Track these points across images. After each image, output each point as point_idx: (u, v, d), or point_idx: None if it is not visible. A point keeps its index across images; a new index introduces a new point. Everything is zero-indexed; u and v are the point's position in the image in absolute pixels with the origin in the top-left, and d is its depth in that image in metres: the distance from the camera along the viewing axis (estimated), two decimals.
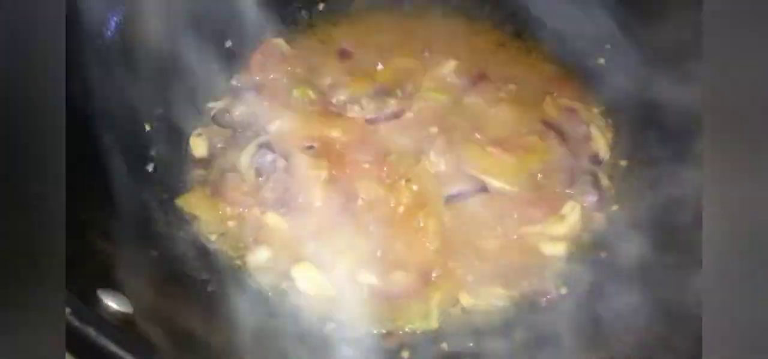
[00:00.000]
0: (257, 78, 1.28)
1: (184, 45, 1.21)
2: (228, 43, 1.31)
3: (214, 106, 1.25)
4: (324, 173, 1.11)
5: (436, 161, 1.13)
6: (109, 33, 1.13)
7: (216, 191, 1.10)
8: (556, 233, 1.07)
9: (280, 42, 1.34)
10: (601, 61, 1.28)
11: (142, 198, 1.04)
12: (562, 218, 1.07)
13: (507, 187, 1.12)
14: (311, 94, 1.24)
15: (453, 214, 1.09)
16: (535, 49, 1.33)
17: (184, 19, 1.21)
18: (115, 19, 1.14)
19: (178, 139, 1.17)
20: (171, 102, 1.18)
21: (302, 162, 1.12)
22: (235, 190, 1.10)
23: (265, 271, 1.03)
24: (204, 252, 1.03)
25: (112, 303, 0.76)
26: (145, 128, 1.14)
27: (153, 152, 1.13)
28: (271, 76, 1.28)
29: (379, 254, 1.04)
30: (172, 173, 1.12)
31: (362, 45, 1.35)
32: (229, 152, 1.17)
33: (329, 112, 1.22)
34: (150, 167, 1.11)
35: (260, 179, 1.11)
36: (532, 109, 1.22)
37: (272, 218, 1.07)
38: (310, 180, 1.09)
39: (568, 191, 1.11)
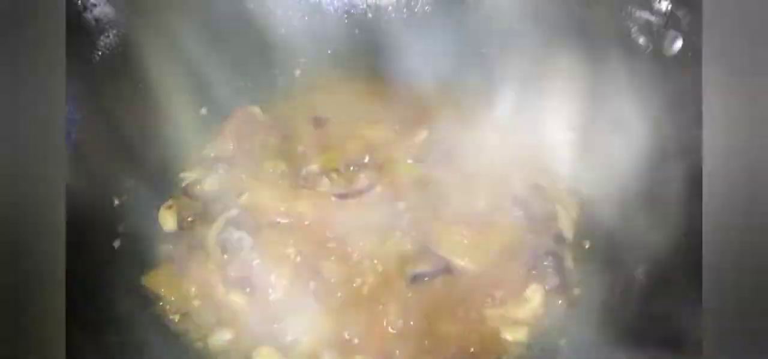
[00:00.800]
0: (230, 147, 1.29)
1: (159, 112, 1.24)
2: (203, 110, 1.32)
3: (186, 177, 1.25)
4: (290, 251, 1.12)
5: (402, 240, 1.14)
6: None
7: (183, 269, 1.11)
8: (518, 317, 1.07)
9: (255, 110, 1.36)
10: (570, 134, 1.28)
11: (106, 277, 1.04)
12: (525, 301, 1.08)
13: (470, 267, 1.13)
14: (283, 166, 1.25)
15: (416, 295, 1.09)
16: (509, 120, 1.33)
17: (160, 84, 1.23)
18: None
19: (147, 213, 1.18)
20: (142, 174, 1.20)
21: (269, 239, 1.13)
22: (201, 268, 1.11)
23: (226, 354, 1.03)
24: (166, 335, 1.03)
25: None
26: (113, 203, 1.15)
27: (120, 228, 1.13)
28: (245, 146, 1.30)
29: (345, 335, 1.05)
30: (139, 250, 1.13)
31: (337, 113, 1.36)
32: (198, 227, 1.17)
33: (299, 186, 1.23)
34: (117, 244, 1.12)
35: (225, 256, 1.11)
36: (500, 185, 1.22)
37: (235, 298, 1.08)
38: (276, 259, 1.10)
39: (532, 272, 1.12)
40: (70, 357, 0.82)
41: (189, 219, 1.19)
